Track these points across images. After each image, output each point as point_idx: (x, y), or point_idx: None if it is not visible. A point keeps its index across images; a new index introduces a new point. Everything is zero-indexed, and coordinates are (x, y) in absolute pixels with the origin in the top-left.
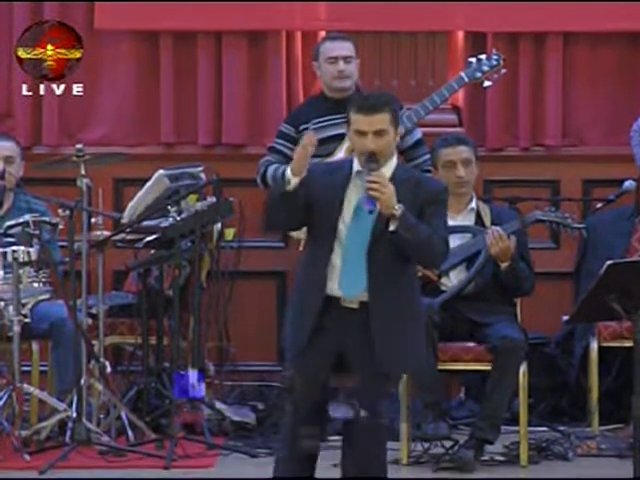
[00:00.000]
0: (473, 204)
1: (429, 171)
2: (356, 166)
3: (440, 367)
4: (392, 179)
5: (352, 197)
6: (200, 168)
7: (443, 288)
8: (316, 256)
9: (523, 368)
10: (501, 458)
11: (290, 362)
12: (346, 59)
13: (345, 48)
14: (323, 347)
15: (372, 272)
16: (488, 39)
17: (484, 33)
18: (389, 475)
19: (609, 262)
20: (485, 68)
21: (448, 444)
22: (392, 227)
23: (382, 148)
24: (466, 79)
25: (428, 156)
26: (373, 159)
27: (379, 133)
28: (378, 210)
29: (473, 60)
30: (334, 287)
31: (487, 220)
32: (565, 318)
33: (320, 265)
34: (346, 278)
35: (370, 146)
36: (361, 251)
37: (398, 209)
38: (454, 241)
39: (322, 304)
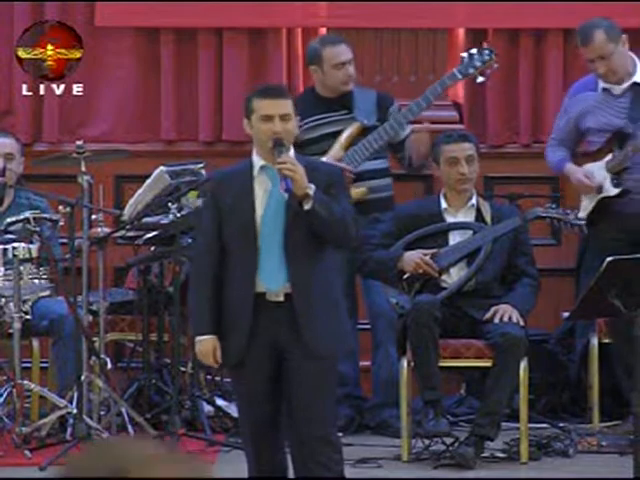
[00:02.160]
0: (474, 200)
1: None
2: (258, 162)
3: (441, 364)
4: None
5: (261, 193)
6: (201, 165)
7: (444, 285)
8: (242, 259)
9: (523, 364)
10: (501, 455)
11: (230, 373)
12: (350, 62)
13: (347, 51)
14: (262, 349)
15: (291, 261)
16: (489, 35)
17: (484, 30)
18: (390, 472)
19: (609, 259)
20: (477, 64)
21: (448, 441)
22: (307, 206)
23: (288, 132)
24: (459, 76)
25: None
26: (281, 142)
27: (285, 117)
28: (290, 194)
29: (465, 55)
30: (260, 285)
31: (487, 217)
32: (566, 314)
33: (248, 267)
34: (266, 271)
35: (277, 129)
36: (278, 243)
37: (311, 187)
38: (454, 237)
39: (253, 303)
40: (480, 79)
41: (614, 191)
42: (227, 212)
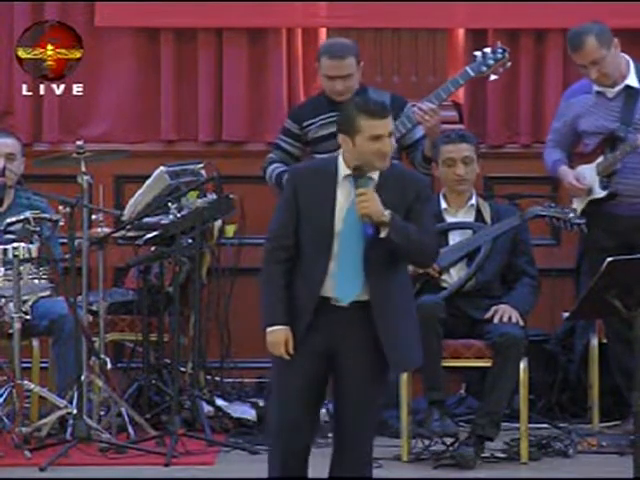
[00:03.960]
0: (473, 200)
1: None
2: (344, 169)
3: (442, 364)
4: (380, 175)
5: (342, 201)
6: (201, 165)
7: (444, 285)
8: (313, 261)
9: (523, 364)
10: (501, 455)
11: (279, 363)
12: (345, 77)
13: (340, 67)
14: (313, 348)
15: (371, 272)
16: (489, 35)
17: (485, 30)
18: (390, 472)
19: (609, 259)
20: (491, 62)
21: (448, 441)
22: (383, 234)
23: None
24: (472, 73)
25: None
26: (361, 174)
27: (390, 134)
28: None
29: (478, 54)
30: (328, 290)
31: (487, 216)
32: (565, 315)
33: (317, 270)
34: (342, 282)
35: (387, 148)
36: (356, 254)
37: (387, 215)
38: (454, 237)
39: (315, 306)
40: (493, 77)
41: (602, 193)
42: (305, 212)
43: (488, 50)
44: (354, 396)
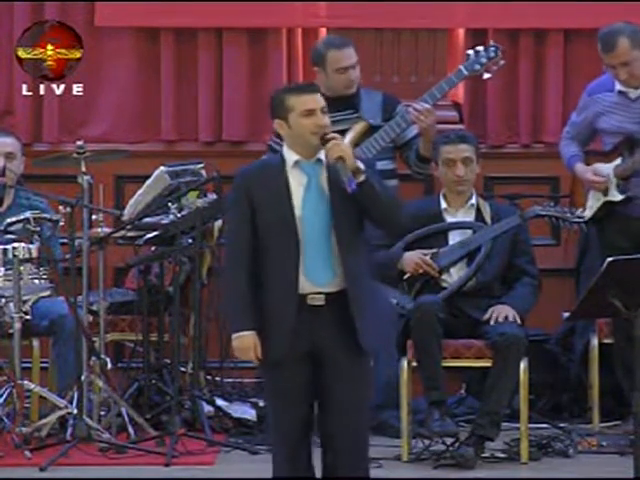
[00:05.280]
0: (473, 200)
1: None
2: (291, 157)
3: (442, 364)
4: (328, 165)
5: (297, 188)
6: (201, 165)
7: (444, 284)
8: (283, 255)
9: (524, 364)
10: (501, 455)
11: (265, 373)
12: (353, 67)
13: (351, 56)
14: (299, 352)
15: (342, 254)
16: (489, 35)
17: (485, 30)
18: (390, 472)
19: (609, 259)
20: (483, 60)
21: (449, 441)
22: (362, 177)
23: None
24: (465, 72)
25: None
26: (326, 139)
27: (323, 110)
28: (329, 196)
29: (471, 52)
30: (303, 284)
31: (487, 216)
32: (566, 315)
33: (289, 265)
34: (312, 267)
35: (323, 122)
36: (322, 238)
37: (359, 162)
38: (454, 237)
39: (296, 304)
40: (486, 75)
41: (618, 197)
42: (261, 208)
43: (481, 48)
44: (342, 396)
